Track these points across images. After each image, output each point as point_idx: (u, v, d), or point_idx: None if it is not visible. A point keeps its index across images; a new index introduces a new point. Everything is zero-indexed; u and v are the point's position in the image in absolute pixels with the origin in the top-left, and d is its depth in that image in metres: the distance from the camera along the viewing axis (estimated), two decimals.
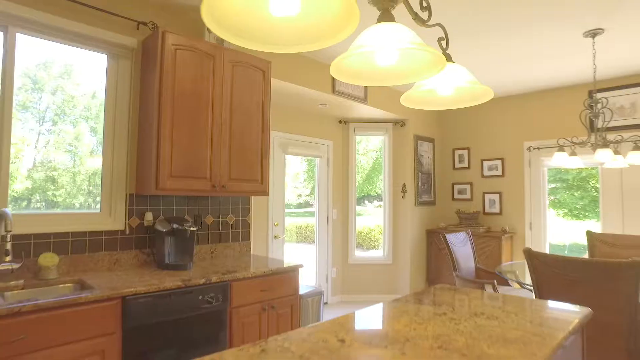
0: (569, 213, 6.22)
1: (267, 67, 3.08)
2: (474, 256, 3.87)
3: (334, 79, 4.11)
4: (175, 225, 2.58)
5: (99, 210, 2.63)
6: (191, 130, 2.61)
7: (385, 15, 1.13)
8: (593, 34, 3.32)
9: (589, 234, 3.89)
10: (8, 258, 1.97)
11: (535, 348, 1.20)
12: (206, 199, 3.09)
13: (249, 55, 2.94)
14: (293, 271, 2.83)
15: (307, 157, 4.90)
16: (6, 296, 2.05)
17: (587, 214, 5.21)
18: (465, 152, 5.57)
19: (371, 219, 8.11)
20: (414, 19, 1.35)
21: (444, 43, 1.50)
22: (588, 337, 2.31)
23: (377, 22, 1.11)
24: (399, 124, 5.26)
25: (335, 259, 5.07)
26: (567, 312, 1.59)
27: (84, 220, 2.52)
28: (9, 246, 1.98)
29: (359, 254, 5.43)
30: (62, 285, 2.24)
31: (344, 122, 5.16)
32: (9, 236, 1.98)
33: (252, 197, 3.52)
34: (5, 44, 2.28)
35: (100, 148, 2.67)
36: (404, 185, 5.25)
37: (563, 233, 5.29)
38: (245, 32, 0.93)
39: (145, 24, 2.72)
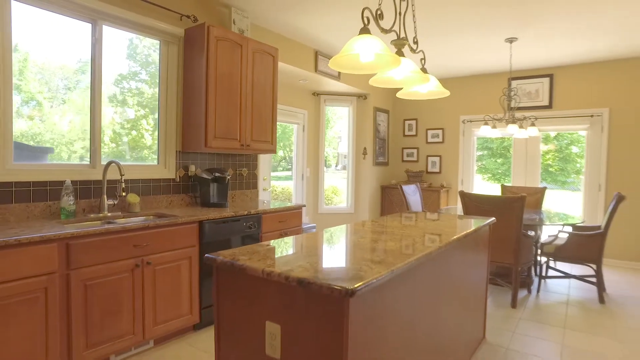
0: (492, 177, 7.79)
1: (276, 53, 3.95)
2: (422, 202, 5.14)
3: (316, 60, 5.04)
4: (216, 174, 3.48)
5: (156, 163, 3.46)
6: (227, 103, 3.47)
7: (366, 30, 2.04)
8: (511, 40, 4.54)
9: (503, 186, 5.31)
10: (124, 193, 2.81)
11: (461, 230, 2.36)
12: (227, 156, 3.97)
13: (264, 44, 3.80)
14: (299, 208, 3.86)
15: (288, 123, 5.82)
16: (117, 222, 2.89)
17: (506, 178, 6.69)
18: (413, 122, 6.82)
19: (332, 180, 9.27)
20: (410, 48, 2.38)
21: (422, 62, 2.55)
22: (493, 244, 3.62)
23: (360, 34, 1.99)
24: (362, 97, 6.32)
25: (308, 210, 6.15)
26: (481, 219, 2.80)
27: (148, 171, 3.34)
28: (123, 185, 2.81)
29: (327, 206, 6.55)
30: (146, 216, 3.09)
31: (316, 94, 6.12)
32: (122, 179, 2.80)
33: (259, 155, 4.43)
34: (94, 35, 2.97)
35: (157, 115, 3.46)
36: (365, 148, 6.39)
37: (486, 189, 6.78)
38: (351, 68, 1.90)
39: (188, 16, 3.47)
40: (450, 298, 2.30)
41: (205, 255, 1.69)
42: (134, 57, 3.39)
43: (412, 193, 4.98)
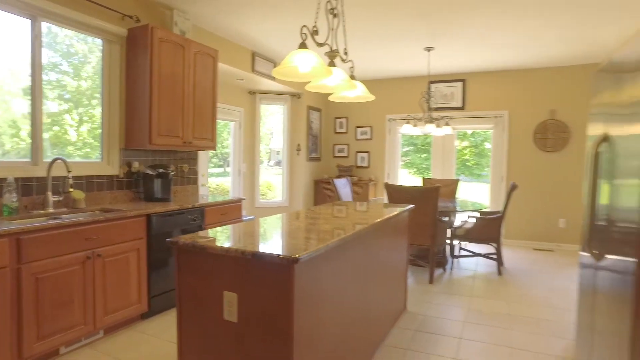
0: (418, 171, 8.54)
1: (216, 54, 4.17)
2: (352, 194, 5.61)
3: (253, 61, 5.29)
4: (160, 170, 3.64)
5: (101, 160, 3.54)
6: (170, 102, 3.64)
7: (304, 46, 2.41)
8: (429, 49, 5.13)
9: (424, 179, 5.94)
10: (71, 189, 2.90)
11: (384, 215, 2.80)
12: (169, 152, 4.12)
13: (205, 46, 4.00)
14: (239, 202, 4.13)
15: (226, 121, 6.00)
16: (62, 217, 2.97)
17: (429, 172, 7.40)
18: (344, 120, 7.30)
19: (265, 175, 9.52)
20: (341, 59, 2.76)
21: (351, 70, 2.94)
22: (413, 229, 4.14)
23: (299, 48, 2.36)
24: (296, 96, 6.67)
25: (245, 204, 6.38)
26: (401, 207, 3.27)
27: (92, 167, 3.42)
28: (71, 182, 2.90)
29: (263, 200, 6.83)
30: (92, 211, 3.19)
31: (252, 93, 6.36)
32: (70, 175, 2.89)
33: (199, 151, 4.61)
34: (34, 31, 3.01)
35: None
36: (299, 145, 6.75)
37: (411, 181, 7.45)
38: (291, 76, 2.23)
39: (130, 16, 3.57)
40: (376, 274, 2.72)
41: (167, 239, 1.94)
42: (52, 47, 3.25)
43: (343, 186, 5.43)
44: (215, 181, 6.60)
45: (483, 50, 5.17)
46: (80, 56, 3.46)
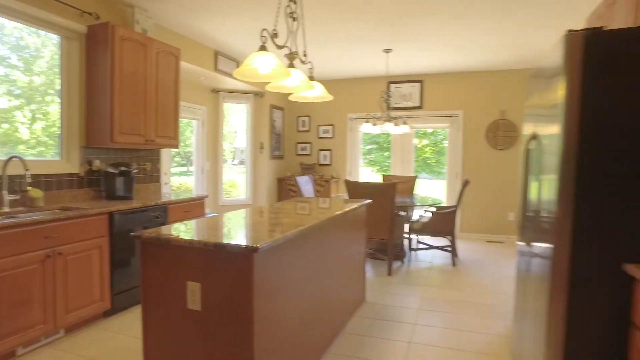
0: (380, 169, 8.78)
1: (178, 53, 4.19)
2: (314, 192, 5.75)
3: (216, 60, 5.33)
4: (123, 168, 3.65)
5: (60, 158, 3.50)
6: (132, 100, 3.65)
7: (264, 48, 2.53)
8: (387, 51, 5.34)
9: (384, 176, 6.17)
10: (29, 188, 2.88)
11: (342, 209, 2.96)
12: (131, 151, 4.11)
13: (167, 45, 4.02)
14: (202, 199, 4.18)
15: (189, 119, 6.00)
16: (19, 216, 2.94)
17: (390, 170, 7.65)
18: (307, 119, 7.44)
19: (230, 174, 9.54)
20: (300, 60, 2.89)
21: (310, 71, 3.08)
22: (372, 223, 4.33)
23: (259, 50, 2.48)
24: (259, 95, 6.74)
25: (209, 202, 6.40)
26: (359, 202, 3.45)
27: (50, 166, 3.39)
28: (29, 180, 2.88)
29: (226, 198, 6.86)
30: (52, 210, 3.17)
31: (215, 91, 6.38)
32: (28, 174, 2.87)
33: (161, 150, 4.61)
34: None
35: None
36: (262, 143, 6.83)
37: (373, 179, 7.68)
38: (252, 77, 2.34)
39: (89, 13, 3.55)
40: (335, 265, 2.88)
41: (131, 234, 2.01)
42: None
43: (305, 183, 5.56)
44: (178, 180, 6.59)
45: (439, 52, 5.44)
46: (31, 50, 3.40)
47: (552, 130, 1.77)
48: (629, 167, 1.57)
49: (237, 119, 7.23)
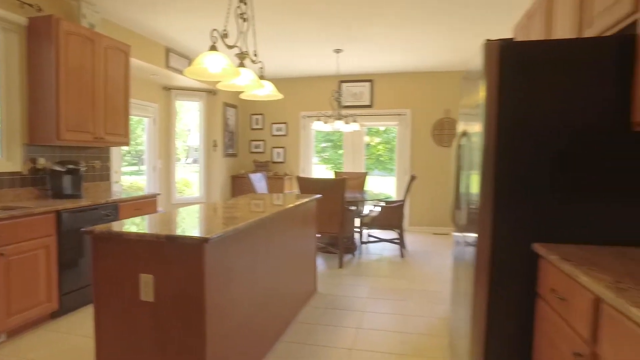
0: (335, 167, 8.96)
1: (128, 49, 4.15)
2: (267, 188, 5.84)
3: (167, 57, 5.29)
4: (70, 166, 3.58)
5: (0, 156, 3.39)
6: (79, 96, 3.59)
7: (214, 48, 2.63)
8: (337, 51, 5.52)
9: (336, 172, 6.36)
10: None
11: (292, 203, 3.10)
12: (79, 148, 4.03)
13: (116, 41, 3.97)
14: (154, 197, 4.17)
15: (140, 117, 5.89)
16: None
17: (343, 166, 7.85)
18: (260, 117, 7.50)
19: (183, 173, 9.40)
20: (250, 60, 2.98)
21: (261, 70, 3.18)
22: (323, 218, 4.49)
23: (209, 50, 2.58)
24: (211, 93, 6.73)
25: (161, 201, 6.32)
26: (310, 197, 3.59)
27: None
28: None
29: (179, 196, 6.79)
30: None
31: (167, 89, 6.31)
32: None
33: (111, 148, 4.53)
34: None
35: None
36: (215, 141, 6.82)
37: (327, 176, 7.86)
38: (202, 76, 2.40)
39: (30, 5, 3.45)
40: (286, 257, 3.00)
41: (81, 229, 2.03)
42: None
43: (259, 180, 5.64)
44: (129, 179, 6.44)
45: (387, 53, 5.68)
46: None
47: (477, 128, 1.98)
48: (536, 160, 1.81)
49: (190, 117, 7.16)
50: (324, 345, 2.81)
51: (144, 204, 4.00)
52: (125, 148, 6.04)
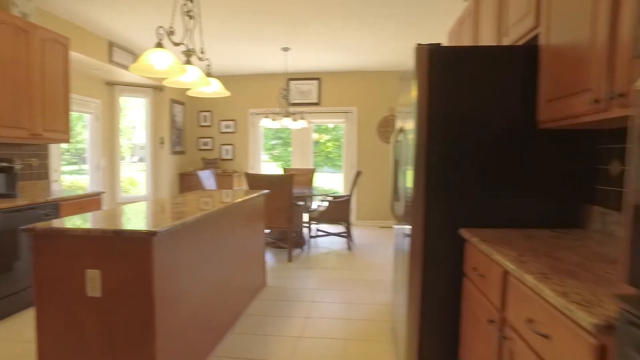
0: (284, 164, 9.02)
1: (67, 42, 4.01)
2: (216, 186, 5.83)
3: (110, 51, 5.14)
4: (4, 164, 3.42)
5: None
6: (12, 90, 3.43)
7: (160, 45, 2.66)
8: (285, 49, 5.61)
9: (285, 169, 6.45)
10: None
11: (238, 198, 3.17)
12: (13, 145, 3.84)
13: (54, 33, 3.83)
14: (98, 195, 4.07)
15: (81, 113, 5.66)
16: None
17: (292, 163, 7.94)
18: (208, 114, 7.43)
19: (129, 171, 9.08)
20: (197, 57, 3.01)
21: (208, 68, 3.21)
22: (272, 213, 4.58)
23: (155, 47, 2.61)
24: (158, 89, 6.59)
25: (106, 199, 6.12)
26: (258, 192, 3.68)
27: None
28: None
29: (125, 195, 6.60)
30: None
31: (111, 84, 6.10)
32: None
33: (50, 145, 4.35)
34: None
35: None
36: (162, 138, 6.69)
37: (273, 173, 7.93)
38: (148, 73, 2.41)
39: None
40: (236, 252, 3.06)
41: (20, 227, 2.00)
42: None
43: (207, 178, 5.62)
44: (69, 179, 6.17)
45: (334, 53, 5.85)
46: None
47: (411, 125, 2.16)
48: (462, 154, 2.01)
49: (135, 114, 6.96)
50: (274, 335, 2.91)
51: (87, 203, 3.90)
52: (64, 146, 5.79)
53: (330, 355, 2.61)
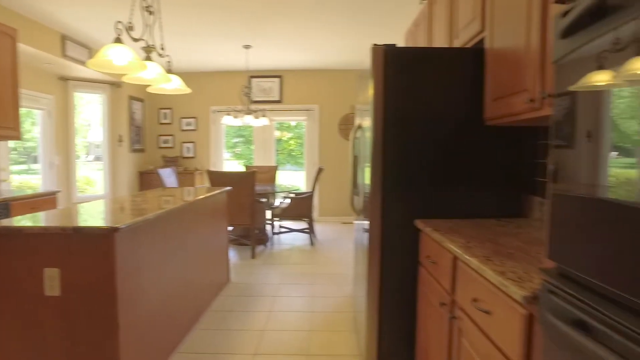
0: (247, 162, 9.00)
1: (14, 33, 3.84)
2: (178, 184, 5.76)
3: (64, 45, 4.96)
4: None
5: None
6: None
7: (119, 40, 2.64)
8: (247, 47, 5.62)
9: (247, 166, 6.45)
10: None
11: (200, 195, 3.18)
12: None
13: None
14: (53, 194, 3.94)
15: (32, 109, 5.43)
16: None
17: (254, 161, 7.93)
18: (169, 111, 7.30)
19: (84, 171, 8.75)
20: (157, 54, 2.99)
21: (169, 64, 3.19)
22: (234, 210, 4.59)
23: (114, 42, 2.59)
24: (115, 85, 6.40)
25: (61, 199, 5.89)
26: (219, 189, 3.69)
27: None
28: None
29: (81, 194, 6.38)
30: None
31: (64, 79, 5.88)
32: None
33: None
34: None
35: None
36: (120, 136, 6.52)
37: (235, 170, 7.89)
38: (107, 68, 2.39)
39: None
40: (199, 248, 3.07)
41: None
42: None
43: (169, 176, 5.55)
44: (18, 178, 5.89)
45: (296, 51, 5.90)
46: None
47: (368, 123, 2.26)
48: (417, 150, 2.14)
49: (90, 111, 6.73)
50: (237, 329, 2.95)
51: (41, 203, 3.77)
52: (12, 144, 5.53)
53: (295, 346, 2.68)
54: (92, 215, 2.25)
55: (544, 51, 1.41)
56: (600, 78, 0.75)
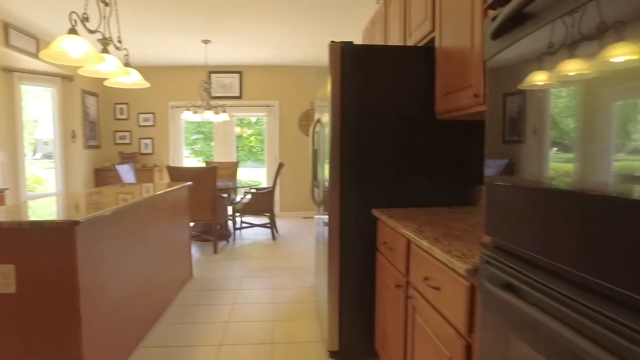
0: (207, 159, 8.88)
1: None
2: (136, 180, 5.64)
3: (7, 33, 4.72)
4: None
5: None
6: None
7: (74, 31, 2.60)
8: (206, 42, 5.56)
9: (207, 162, 6.40)
10: None
11: (157, 191, 3.17)
12: None
13: None
14: (2, 192, 3.77)
15: None
16: None
17: (214, 157, 7.84)
18: (125, 106, 7.10)
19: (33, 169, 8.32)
20: (115, 46, 2.94)
21: (126, 58, 3.14)
22: (195, 206, 4.57)
23: (68, 33, 2.55)
24: (67, 79, 6.15)
25: (8, 197, 5.61)
26: (180, 184, 3.67)
27: None
28: None
29: (31, 193, 6.09)
30: None
31: (8, 71, 5.58)
32: None
33: None
34: None
35: None
36: (74, 132, 6.28)
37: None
38: (61, 60, 2.33)
39: None
40: (160, 244, 3.06)
41: None
42: None
43: (126, 172, 5.42)
44: None
45: (255, 47, 5.91)
46: None
47: (327, 118, 2.35)
48: (374, 144, 2.24)
49: (37, 105, 6.42)
50: (202, 322, 2.97)
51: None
52: None
53: (259, 337, 2.74)
54: (48, 209, 2.21)
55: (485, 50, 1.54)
56: (540, 78, 0.84)
